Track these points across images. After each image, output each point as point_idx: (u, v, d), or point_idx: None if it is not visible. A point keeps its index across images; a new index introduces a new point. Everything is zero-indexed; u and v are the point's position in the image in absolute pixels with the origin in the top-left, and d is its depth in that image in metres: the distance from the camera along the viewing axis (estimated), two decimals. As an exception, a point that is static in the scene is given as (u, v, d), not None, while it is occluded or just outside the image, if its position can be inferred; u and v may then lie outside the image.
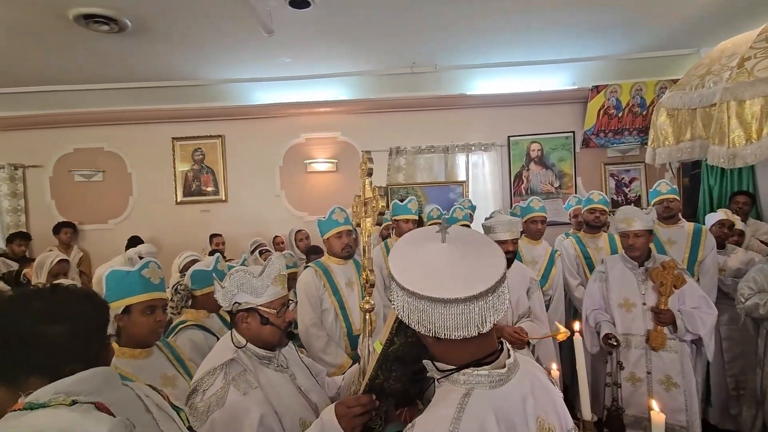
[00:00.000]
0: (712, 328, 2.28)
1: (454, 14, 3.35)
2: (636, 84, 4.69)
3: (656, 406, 0.98)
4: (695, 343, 2.38)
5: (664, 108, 2.60)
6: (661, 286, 2.28)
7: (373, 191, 1.58)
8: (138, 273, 1.55)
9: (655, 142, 2.72)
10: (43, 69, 4.05)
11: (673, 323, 2.28)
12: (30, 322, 0.79)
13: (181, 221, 5.20)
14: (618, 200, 5.03)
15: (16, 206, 5.09)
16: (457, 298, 0.75)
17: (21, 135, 5.11)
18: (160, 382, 1.58)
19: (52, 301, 0.83)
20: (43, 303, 0.82)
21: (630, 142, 4.90)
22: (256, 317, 1.30)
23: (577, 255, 3.32)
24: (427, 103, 5.05)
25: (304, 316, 2.50)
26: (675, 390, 2.27)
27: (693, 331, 2.25)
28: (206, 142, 5.21)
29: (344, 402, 1.14)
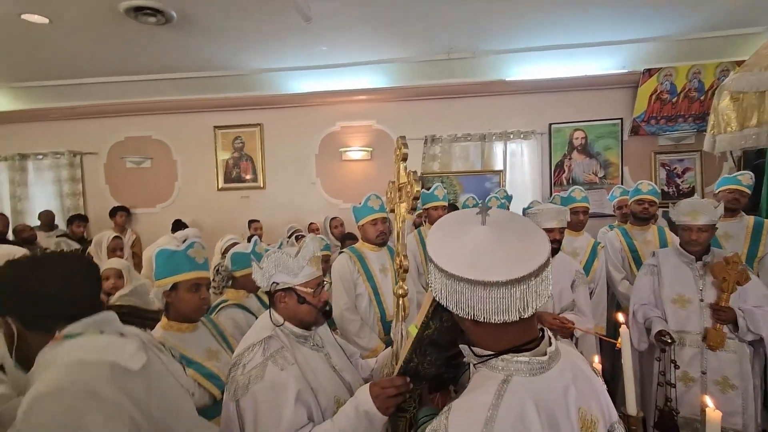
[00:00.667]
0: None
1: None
2: (694, 66, 4.34)
3: (711, 402, 0.92)
4: (753, 344, 2.20)
5: (727, 91, 2.40)
6: (723, 282, 2.12)
7: (408, 176, 1.57)
8: (184, 253, 1.62)
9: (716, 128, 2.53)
10: (97, 61, 4.31)
11: (733, 322, 2.12)
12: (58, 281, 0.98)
13: (222, 207, 5.41)
14: (669, 192, 4.72)
15: (75, 190, 5.49)
16: (498, 281, 0.72)
17: (79, 124, 5.48)
18: (206, 355, 1.66)
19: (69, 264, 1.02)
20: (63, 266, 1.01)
21: (685, 130, 4.56)
22: (293, 296, 1.33)
23: (622, 248, 3.15)
24: (464, 90, 4.93)
25: (339, 300, 2.54)
26: (732, 392, 2.13)
27: (755, 330, 2.09)
28: (245, 130, 5.36)
29: (378, 383, 1.15)
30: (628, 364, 1.14)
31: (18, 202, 5.52)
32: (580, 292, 2.38)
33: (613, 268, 3.12)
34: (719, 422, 0.87)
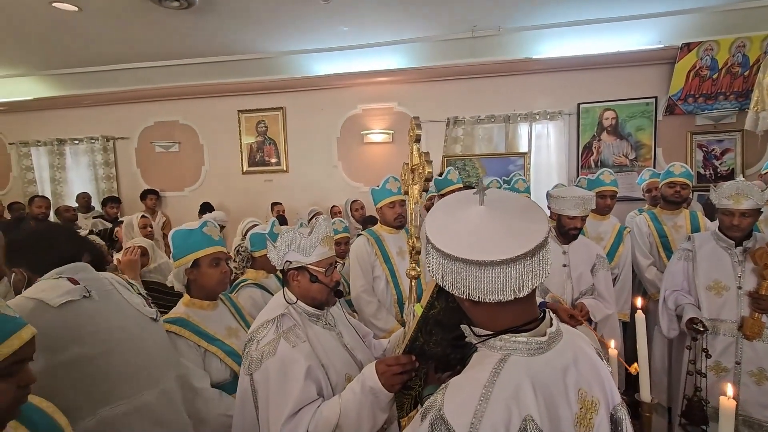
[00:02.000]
0: None
1: (520, -32, 3.08)
2: (738, 39, 4.03)
3: (731, 391, 0.88)
4: None
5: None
6: (765, 269, 2.01)
7: (420, 157, 1.55)
8: (200, 231, 1.69)
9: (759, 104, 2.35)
10: (125, 48, 4.43)
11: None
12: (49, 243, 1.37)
13: (247, 190, 5.54)
14: (705, 174, 4.47)
15: (109, 174, 5.74)
16: (492, 261, 0.72)
17: (111, 109, 5.69)
18: (226, 332, 1.72)
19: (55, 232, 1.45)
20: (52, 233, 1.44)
21: (725, 108, 4.27)
22: (305, 275, 1.36)
23: (651, 233, 3.03)
24: (488, 70, 4.78)
25: (356, 282, 2.57)
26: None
27: None
28: (268, 114, 5.42)
29: (384, 360, 1.17)
30: (643, 351, 1.11)
31: (57, 185, 5.83)
32: (600, 276, 2.32)
33: (640, 254, 3.01)
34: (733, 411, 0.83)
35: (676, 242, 2.94)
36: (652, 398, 1.07)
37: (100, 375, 1.24)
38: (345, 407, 1.18)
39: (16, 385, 0.81)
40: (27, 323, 0.84)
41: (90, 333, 1.24)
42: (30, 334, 0.83)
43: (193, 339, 1.61)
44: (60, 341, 1.18)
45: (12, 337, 0.79)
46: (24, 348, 0.81)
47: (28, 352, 0.84)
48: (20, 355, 0.81)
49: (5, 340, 0.78)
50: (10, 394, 0.80)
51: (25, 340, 0.82)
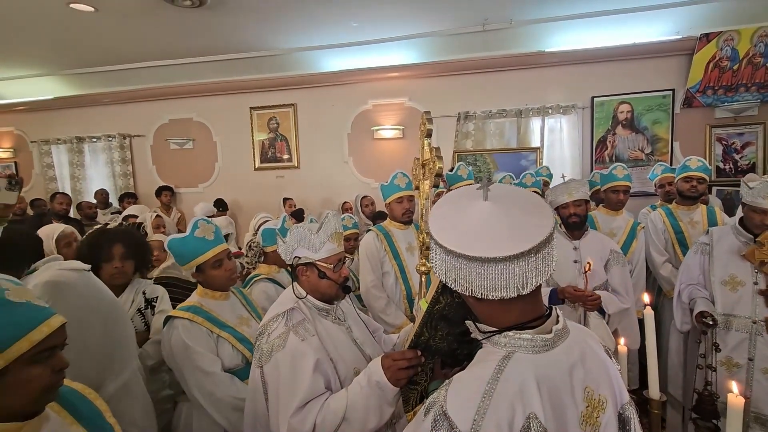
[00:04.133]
0: None
1: (532, -41, 3.03)
2: (761, 29, 3.91)
3: (736, 388, 0.86)
4: None
5: None
6: (762, 266, 1.96)
7: (431, 152, 1.55)
8: (191, 236, 1.69)
9: None
10: (140, 47, 4.51)
11: None
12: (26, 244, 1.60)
13: (259, 185, 5.60)
14: (725, 169, 4.36)
15: (126, 171, 5.87)
16: (495, 257, 0.71)
17: (127, 108, 5.80)
18: (237, 321, 1.78)
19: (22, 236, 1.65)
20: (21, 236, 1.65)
21: (747, 100, 4.14)
22: (314, 271, 1.38)
23: (666, 229, 2.97)
24: (500, 64, 4.72)
25: (366, 277, 2.59)
26: None
27: None
28: (280, 111, 5.46)
29: (390, 355, 1.18)
30: (652, 347, 1.10)
31: (77, 182, 5.98)
32: (615, 272, 2.29)
33: (655, 251, 2.95)
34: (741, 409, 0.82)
35: (692, 238, 2.87)
36: (661, 395, 1.06)
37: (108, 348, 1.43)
38: (352, 401, 1.19)
39: (50, 370, 0.87)
40: (56, 312, 0.90)
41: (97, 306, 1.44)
42: (59, 323, 0.89)
43: (205, 325, 1.66)
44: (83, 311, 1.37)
45: (42, 325, 0.85)
46: (54, 335, 0.87)
47: (59, 339, 0.89)
48: (51, 342, 0.86)
49: (36, 328, 0.84)
50: (45, 379, 0.85)
51: (54, 327, 0.87)
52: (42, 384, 0.85)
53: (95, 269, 1.88)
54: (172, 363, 1.66)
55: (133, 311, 1.94)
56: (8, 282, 0.87)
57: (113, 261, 1.87)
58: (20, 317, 0.83)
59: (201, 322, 1.65)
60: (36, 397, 0.85)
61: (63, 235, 2.36)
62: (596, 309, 2.16)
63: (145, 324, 1.96)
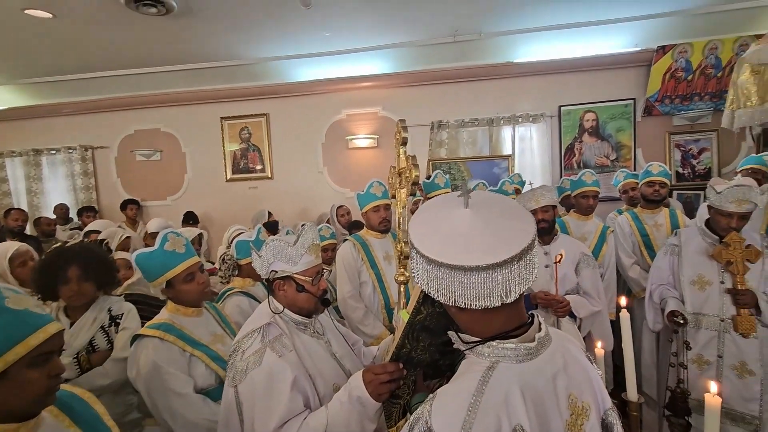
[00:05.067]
0: None
1: (499, -26, 3.12)
2: (710, 42, 4.17)
3: (714, 388, 0.89)
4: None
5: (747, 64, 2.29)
6: (729, 265, 2.05)
7: (407, 160, 1.55)
8: (161, 250, 1.60)
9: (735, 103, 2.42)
10: (103, 55, 4.33)
11: (754, 305, 2.05)
12: None
13: (231, 197, 5.46)
14: (684, 173, 4.59)
15: (88, 184, 5.59)
16: (478, 266, 0.70)
17: (89, 118, 5.55)
18: (210, 338, 1.70)
19: None
20: None
21: (701, 109, 4.40)
22: (292, 285, 1.33)
23: (633, 232, 3.09)
24: (471, 74, 4.83)
25: (343, 287, 2.55)
26: (750, 378, 2.07)
27: None
28: (252, 120, 5.36)
29: (371, 369, 1.15)
30: (628, 350, 1.12)
31: (34, 197, 5.65)
32: (586, 275, 2.34)
33: (623, 254, 3.06)
34: (719, 408, 0.84)
35: (657, 240, 3.00)
36: (639, 396, 1.08)
37: None
38: (332, 418, 1.15)
39: (47, 374, 0.92)
40: (53, 319, 0.95)
41: None
42: (56, 329, 0.94)
43: (177, 343, 1.58)
44: None
45: (38, 331, 0.90)
46: (50, 341, 0.92)
47: (55, 345, 0.94)
48: (48, 347, 0.91)
49: (33, 333, 0.89)
50: (42, 383, 0.91)
51: (50, 333, 0.92)
52: (39, 387, 0.90)
53: (52, 292, 1.77)
54: (140, 384, 1.56)
55: (95, 329, 1.83)
56: (8, 290, 0.92)
57: (70, 283, 1.77)
58: (19, 323, 0.89)
59: (173, 341, 1.57)
60: (33, 399, 0.90)
61: (17, 254, 2.21)
62: (566, 314, 2.20)
63: (108, 342, 1.86)
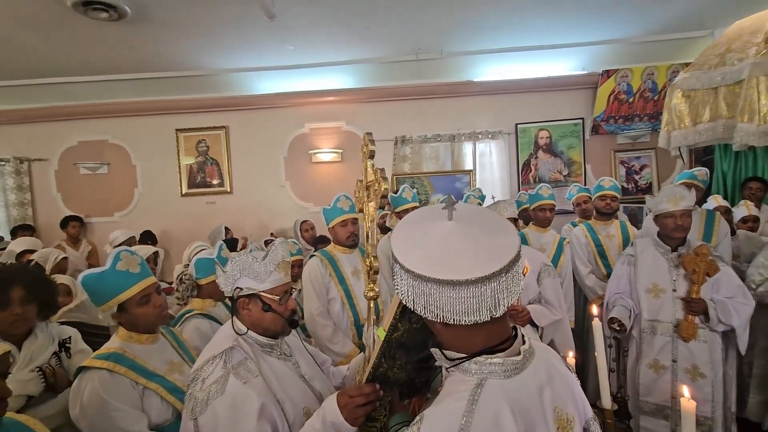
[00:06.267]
0: (747, 320, 2.17)
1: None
2: (648, 68, 4.56)
3: (687, 392, 0.92)
4: (726, 334, 2.26)
5: (679, 89, 2.51)
6: (693, 273, 2.18)
7: (375, 173, 1.53)
8: (113, 270, 1.45)
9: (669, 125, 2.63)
10: (44, 60, 4.02)
11: (705, 313, 2.18)
12: None
13: (187, 213, 5.19)
14: (628, 188, 4.92)
15: (23, 200, 5.11)
16: (467, 280, 0.68)
17: (25, 128, 5.10)
18: (167, 368, 1.56)
19: None
20: None
21: (641, 128, 4.77)
22: (257, 303, 1.26)
23: (588, 242, 3.25)
24: (433, 91, 4.96)
25: (311, 305, 2.46)
26: (701, 380, 2.19)
27: (726, 321, 2.14)
28: (210, 133, 5.17)
29: (346, 392, 1.09)
30: (601, 357, 1.14)
31: (-42, 213, 5.08)
32: (547, 284, 2.41)
33: (580, 263, 3.20)
34: (694, 412, 0.87)
35: (610, 250, 3.17)
36: (613, 404, 1.10)
37: None
38: (305, 446, 1.08)
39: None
40: None
41: None
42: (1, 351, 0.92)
43: (129, 375, 1.43)
44: None
45: None
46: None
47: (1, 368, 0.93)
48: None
49: None
50: None
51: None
52: None
53: None
54: (84, 423, 1.39)
55: (47, 356, 1.64)
56: None
57: (12, 306, 1.58)
58: None
59: (124, 372, 1.42)
60: None
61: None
62: (527, 323, 2.24)
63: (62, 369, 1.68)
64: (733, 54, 2.12)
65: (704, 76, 2.21)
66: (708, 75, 2.19)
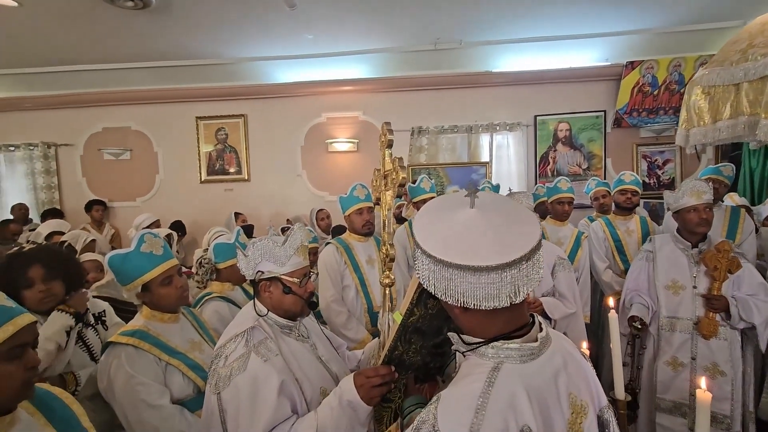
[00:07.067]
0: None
1: (481, -15, 3.20)
2: (674, 60, 4.41)
3: (704, 384, 0.92)
4: (745, 332, 2.22)
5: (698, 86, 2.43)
6: (714, 270, 2.13)
7: (393, 163, 1.54)
8: (137, 252, 1.53)
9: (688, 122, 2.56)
10: (72, 48, 4.13)
11: (726, 310, 2.14)
12: None
13: (206, 200, 5.30)
14: (650, 183, 4.81)
15: (50, 183, 5.29)
16: (488, 266, 0.70)
17: (53, 114, 5.27)
18: (188, 346, 1.62)
19: None
20: None
21: (665, 122, 4.64)
22: (278, 286, 1.30)
23: (606, 238, 3.20)
24: (451, 81, 4.91)
25: (326, 292, 2.51)
26: (721, 378, 2.16)
27: (747, 319, 2.10)
28: (229, 121, 5.24)
29: (363, 372, 1.13)
30: (616, 350, 1.15)
31: (-10, 195, 5.30)
32: (561, 277, 2.40)
33: (597, 258, 3.16)
34: (709, 404, 0.87)
35: (628, 246, 3.12)
36: (626, 395, 1.11)
37: None
38: (322, 424, 1.12)
39: (23, 367, 0.91)
40: (25, 311, 0.94)
41: None
42: (27, 321, 0.92)
43: (153, 352, 1.50)
44: None
45: (7, 323, 0.88)
46: (22, 333, 0.90)
47: (27, 337, 0.93)
48: (20, 339, 0.90)
49: (1, 326, 0.87)
50: (17, 376, 0.90)
51: (21, 326, 0.90)
52: (15, 380, 0.89)
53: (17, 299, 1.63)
54: (111, 396, 1.47)
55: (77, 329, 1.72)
56: None
57: (35, 285, 1.65)
58: None
59: (148, 349, 1.49)
60: (10, 393, 0.90)
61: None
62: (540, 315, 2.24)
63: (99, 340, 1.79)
64: (756, 49, 2.04)
65: (725, 72, 2.13)
66: (729, 71, 2.11)
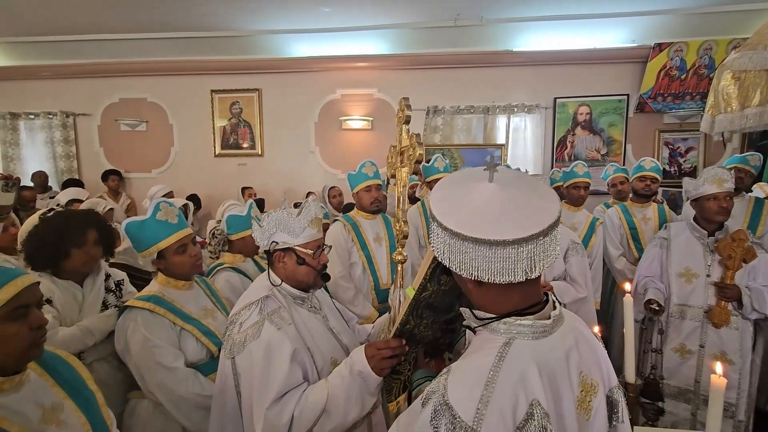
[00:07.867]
0: None
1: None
2: (706, 42, 4.22)
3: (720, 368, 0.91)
4: (758, 322, 2.20)
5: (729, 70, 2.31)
6: (728, 259, 2.10)
7: (410, 139, 1.52)
8: (153, 219, 1.56)
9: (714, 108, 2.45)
10: (91, 18, 4.12)
11: (738, 299, 2.11)
12: None
13: (219, 173, 5.34)
14: (671, 171, 4.68)
15: (69, 152, 5.38)
16: (505, 240, 0.69)
17: (71, 83, 5.30)
18: (201, 313, 1.67)
19: None
20: None
21: (691, 108, 4.47)
22: (292, 257, 1.31)
23: (621, 225, 3.15)
24: (470, 60, 4.79)
25: (333, 268, 2.52)
26: (729, 367, 2.15)
27: (760, 309, 2.07)
28: (243, 95, 5.22)
29: (374, 344, 1.15)
30: (630, 334, 1.14)
31: (10, 162, 5.41)
32: (573, 261, 2.39)
33: (611, 245, 3.12)
34: (723, 389, 0.86)
35: (644, 234, 3.06)
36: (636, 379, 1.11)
37: None
38: (332, 392, 1.15)
39: (28, 327, 0.92)
40: (26, 273, 0.94)
41: None
42: (28, 282, 0.93)
43: (168, 317, 1.55)
44: None
45: (8, 285, 0.89)
46: (24, 294, 0.91)
47: (30, 298, 0.93)
48: (23, 300, 0.91)
49: (2, 288, 0.88)
50: (23, 336, 0.91)
51: (21, 287, 0.91)
52: (21, 341, 0.91)
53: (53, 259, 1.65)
54: (128, 357, 1.52)
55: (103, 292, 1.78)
56: None
57: (86, 246, 1.69)
58: None
59: (163, 314, 1.53)
60: (17, 353, 0.91)
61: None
62: None
63: None
64: (792, 33, 1.93)
65: (758, 57, 2.01)
66: (763, 55, 1.99)
